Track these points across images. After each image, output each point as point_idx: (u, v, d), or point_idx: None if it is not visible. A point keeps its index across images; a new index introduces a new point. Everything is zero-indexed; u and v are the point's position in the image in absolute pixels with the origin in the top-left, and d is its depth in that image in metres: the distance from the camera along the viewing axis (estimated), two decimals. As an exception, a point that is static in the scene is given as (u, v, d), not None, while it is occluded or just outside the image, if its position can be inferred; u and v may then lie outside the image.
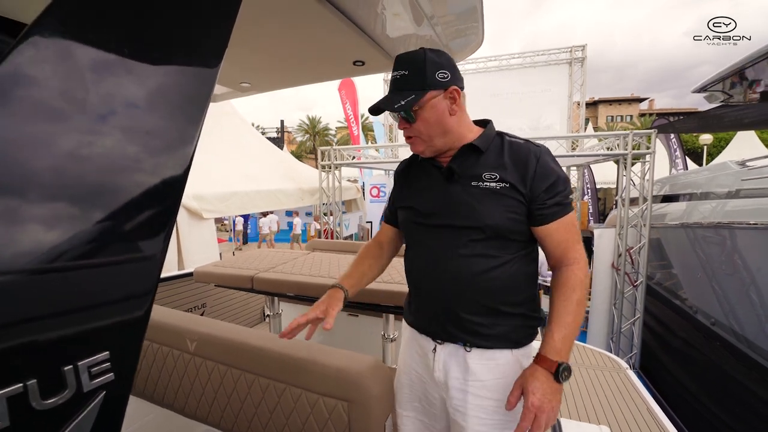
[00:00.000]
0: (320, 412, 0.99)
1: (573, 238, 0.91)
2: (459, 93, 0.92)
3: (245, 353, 1.13)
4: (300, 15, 1.20)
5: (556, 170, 0.90)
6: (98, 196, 0.33)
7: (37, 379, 0.28)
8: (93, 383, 0.30)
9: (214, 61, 0.47)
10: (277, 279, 1.89)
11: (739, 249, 3.19)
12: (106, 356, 0.31)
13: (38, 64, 0.30)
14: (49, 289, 0.29)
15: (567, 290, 0.88)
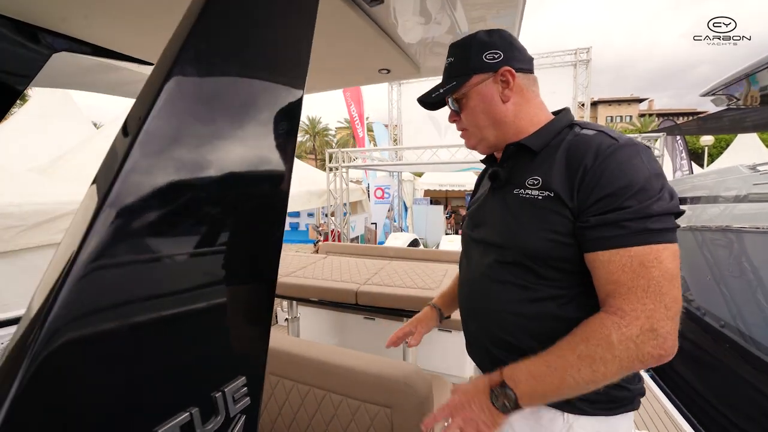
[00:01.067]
0: (362, 418, 1.01)
1: (632, 284, 0.57)
2: (513, 75, 0.74)
3: (284, 360, 1.14)
4: (336, 24, 1.21)
5: (626, 176, 0.59)
6: (230, 218, 0.35)
7: (198, 407, 0.29)
8: (236, 407, 0.32)
9: (300, 81, 0.49)
10: (300, 284, 1.90)
11: (747, 252, 3.21)
12: (243, 381, 0.33)
13: (181, 94, 0.32)
14: (200, 316, 0.31)
15: (577, 335, 0.60)
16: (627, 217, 0.59)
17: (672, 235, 0.60)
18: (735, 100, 3.86)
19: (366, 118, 12.32)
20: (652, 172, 0.60)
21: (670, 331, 0.55)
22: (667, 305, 0.55)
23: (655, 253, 0.57)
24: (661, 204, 0.59)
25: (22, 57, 0.96)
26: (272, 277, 0.38)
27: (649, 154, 0.63)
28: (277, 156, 0.42)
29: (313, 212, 14.95)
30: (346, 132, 31.11)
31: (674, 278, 0.57)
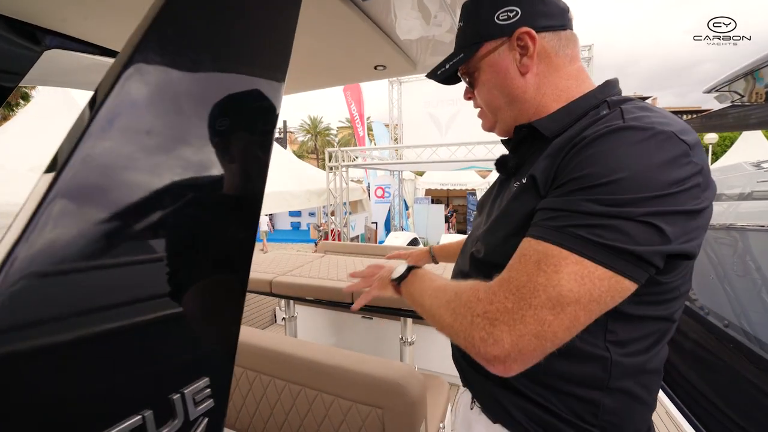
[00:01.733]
0: (354, 418, 1.00)
1: (515, 273, 0.46)
2: (534, 38, 0.57)
3: (275, 359, 1.13)
4: (328, 19, 1.19)
5: (606, 161, 0.44)
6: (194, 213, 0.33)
7: (152, 409, 0.28)
8: (197, 410, 0.30)
9: (281, 75, 0.48)
10: (296, 283, 1.89)
11: (752, 251, 3.17)
12: (207, 383, 0.31)
13: (142, 85, 0.31)
14: (153, 313, 0.29)
15: (459, 287, 0.54)
16: (559, 206, 0.46)
17: (590, 245, 0.43)
18: (740, 96, 3.83)
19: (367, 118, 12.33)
20: (653, 168, 0.43)
21: (507, 344, 0.43)
22: (525, 321, 0.43)
23: (559, 260, 0.43)
24: (626, 209, 0.42)
25: (13, 54, 0.95)
26: (243, 276, 0.36)
27: (665, 144, 0.44)
28: (249, 154, 0.40)
29: (314, 212, 14.98)
30: (348, 132, 31.11)
31: (559, 305, 0.42)
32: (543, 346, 0.43)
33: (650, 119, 0.46)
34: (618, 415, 0.53)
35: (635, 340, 0.51)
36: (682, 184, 0.43)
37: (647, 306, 0.50)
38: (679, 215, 0.43)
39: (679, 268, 0.48)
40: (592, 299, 0.42)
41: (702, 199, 0.45)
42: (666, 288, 0.49)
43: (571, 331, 0.44)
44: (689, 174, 0.43)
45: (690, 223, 0.44)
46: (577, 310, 0.42)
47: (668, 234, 0.43)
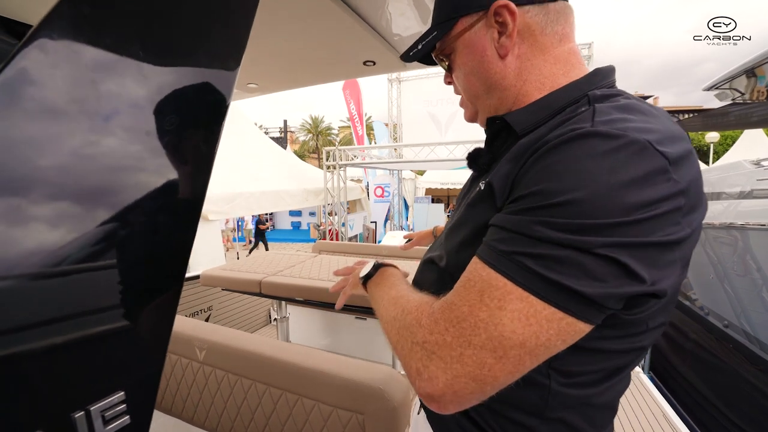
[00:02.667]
0: (335, 424, 0.96)
1: (459, 300, 0.41)
2: (513, 12, 0.48)
3: (256, 362, 1.10)
4: (311, 13, 1.16)
5: (569, 179, 0.37)
6: (113, 203, 0.30)
7: (44, 429, 0.24)
8: (108, 428, 0.27)
9: (233, 64, 0.44)
10: (285, 283, 1.86)
11: (752, 250, 3.13)
12: (121, 397, 0.28)
13: (44, 66, 0.28)
14: (57, 320, 0.26)
15: (410, 302, 0.49)
16: (509, 226, 0.39)
17: (552, 291, 0.36)
18: (740, 94, 3.78)
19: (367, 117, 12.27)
20: (617, 188, 0.35)
21: (441, 384, 0.39)
22: (463, 361, 0.38)
23: (504, 293, 0.38)
24: (581, 239, 0.35)
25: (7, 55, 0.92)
26: (174, 282, 0.33)
27: (636, 157, 0.36)
28: (188, 153, 0.37)
29: (314, 211, 14.96)
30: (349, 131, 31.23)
31: (501, 348, 0.37)
32: (482, 390, 0.38)
33: (625, 124, 0.38)
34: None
35: (585, 373, 0.45)
36: (653, 208, 0.35)
37: (606, 341, 0.43)
38: (649, 247, 0.36)
39: (650, 303, 0.40)
40: (539, 343, 0.37)
41: (683, 225, 0.37)
42: (631, 323, 0.42)
43: (514, 375, 0.38)
44: (664, 195, 0.35)
45: (663, 256, 0.37)
46: (522, 354, 0.37)
47: (633, 270, 0.35)
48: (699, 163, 0.41)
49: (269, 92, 1.95)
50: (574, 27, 0.53)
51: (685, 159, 0.38)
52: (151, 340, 0.31)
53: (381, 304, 0.56)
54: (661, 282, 0.37)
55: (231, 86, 0.44)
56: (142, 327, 0.30)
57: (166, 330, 0.32)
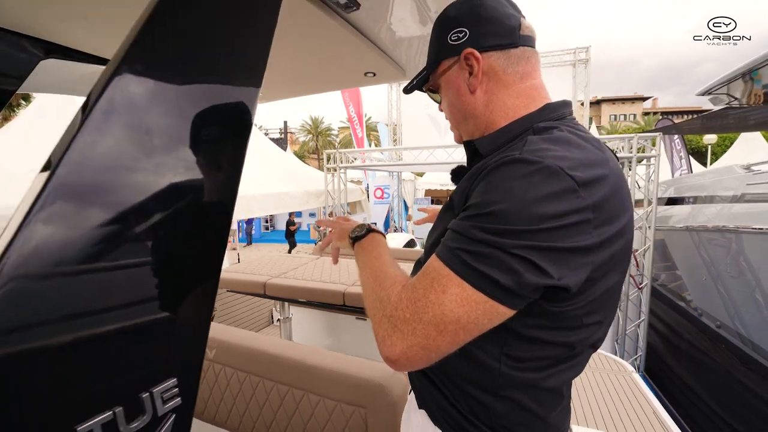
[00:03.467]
0: (338, 418, 1.03)
1: (419, 284, 0.50)
2: (477, 58, 0.60)
3: (264, 360, 1.16)
4: (314, 29, 1.23)
5: (489, 192, 0.49)
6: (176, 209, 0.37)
7: (123, 406, 0.31)
8: (165, 407, 0.34)
9: (257, 81, 0.51)
10: (289, 285, 1.92)
11: (744, 253, 3.20)
12: (174, 382, 0.35)
13: (125, 92, 0.35)
14: (127, 319, 0.33)
15: (387, 277, 0.58)
16: (456, 228, 0.50)
17: (470, 271, 0.46)
18: (733, 99, 3.85)
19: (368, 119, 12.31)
20: (529, 202, 0.45)
21: (398, 350, 0.48)
22: (416, 333, 0.48)
23: (447, 280, 0.48)
24: (500, 240, 0.45)
25: (9, 63, 0.99)
26: (212, 281, 0.40)
27: (548, 179, 0.46)
28: (223, 159, 0.43)
29: (315, 212, 15.02)
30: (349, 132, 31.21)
31: (442, 323, 0.47)
32: (428, 356, 0.49)
33: (544, 153, 0.48)
34: (509, 420, 0.57)
35: (529, 359, 0.55)
36: (559, 219, 0.44)
37: (543, 330, 0.52)
38: (558, 251, 0.45)
39: (571, 299, 0.50)
40: (470, 320, 0.47)
41: (593, 234, 0.46)
42: (562, 316, 0.51)
43: (453, 346, 0.48)
44: (570, 209, 0.45)
45: (574, 260, 0.46)
46: (457, 329, 0.47)
47: (544, 269, 0.45)
48: (618, 185, 0.52)
49: (273, 100, 2.02)
50: (538, 67, 0.65)
51: (597, 181, 0.48)
52: (194, 333, 0.37)
53: (364, 271, 0.65)
54: (569, 279, 0.46)
55: (256, 100, 0.51)
56: (187, 322, 0.37)
57: (206, 324, 0.38)
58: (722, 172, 4.04)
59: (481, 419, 0.59)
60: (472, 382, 0.58)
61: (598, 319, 0.55)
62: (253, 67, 0.50)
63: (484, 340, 0.51)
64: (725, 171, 3.94)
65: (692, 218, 4.06)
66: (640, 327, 4.55)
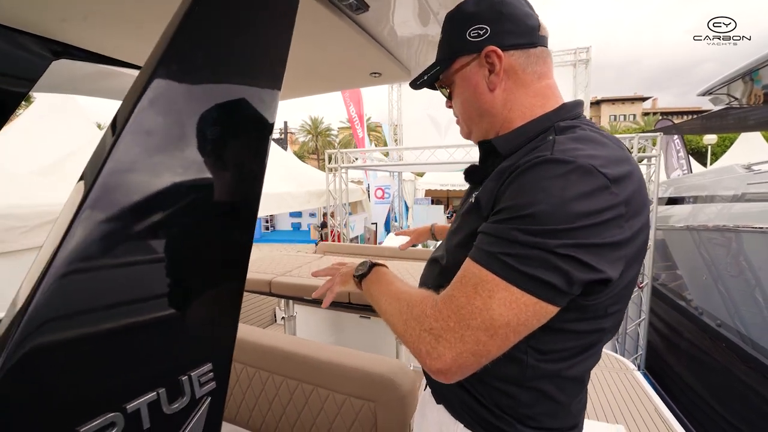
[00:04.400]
0: (348, 411, 1.05)
1: (458, 293, 0.51)
2: (500, 56, 0.60)
3: (274, 356, 1.18)
4: (322, 30, 1.25)
5: (525, 194, 0.49)
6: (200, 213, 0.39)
7: (165, 388, 0.33)
8: (202, 390, 0.36)
9: (278, 82, 0.53)
10: (294, 283, 1.94)
11: (744, 252, 3.22)
12: (209, 367, 0.37)
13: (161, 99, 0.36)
14: (168, 308, 0.35)
15: (412, 297, 0.59)
16: (493, 232, 0.50)
17: (516, 274, 0.47)
18: (734, 99, 3.86)
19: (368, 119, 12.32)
20: (567, 201, 0.46)
21: (448, 360, 0.49)
22: (465, 340, 0.48)
23: (493, 285, 0.48)
24: (543, 241, 0.46)
25: (23, 64, 1.01)
26: (241, 274, 0.42)
27: (583, 178, 0.47)
28: (251, 158, 0.45)
29: (315, 212, 15.03)
30: (349, 132, 31.20)
31: (492, 328, 0.47)
32: (479, 362, 0.49)
33: (575, 152, 0.49)
34: (534, 410, 0.59)
35: (555, 351, 0.56)
36: (597, 216, 0.46)
37: (572, 322, 0.54)
38: (598, 247, 0.46)
39: (604, 291, 0.51)
40: (519, 323, 0.48)
41: (625, 228, 0.48)
42: (592, 308, 0.53)
43: (503, 348, 0.49)
44: (606, 206, 0.46)
45: (612, 254, 0.48)
46: (508, 332, 0.48)
47: (591, 264, 0.46)
48: (642, 179, 0.54)
49: (282, 100, 2.04)
50: (552, 67, 0.66)
51: (625, 177, 0.49)
52: (227, 322, 0.39)
53: (383, 299, 0.65)
54: (608, 272, 0.48)
55: (277, 100, 0.53)
56: (220, 311, 0.39)
57: (236, 313, 0.40)
58: (723, 171, 4.06)
59: (505, 410, 0.60)
60: (497, 376, 0.59)
61: (620, 308, 0.57)
62: (274, 68, 0.52)
63: None
64: (726, 171, 3.96)
65: (693, 218, 4.08)
66: (640, 326, 4.57)
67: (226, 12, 0.42)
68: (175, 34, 0.38)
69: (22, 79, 1.02)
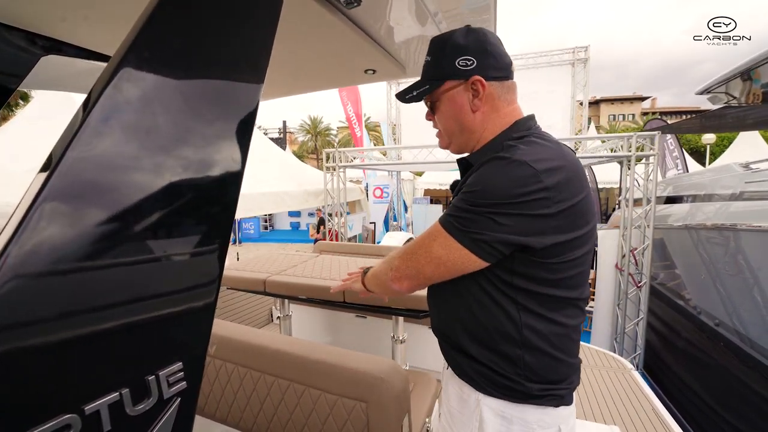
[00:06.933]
0: (339, 412, 1.03)
1: (414, 246, 0.78)
2: (484, 85, 0.76)
3: (265, 356, 1.17)
4: (314, 26, 1.23)
5: (482, 180, 0.69)
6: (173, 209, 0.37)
7: (129, 388, 0.32)
8: (171, 391, 0.34)
9: (259, 77, 0.51)
10: (289, 282, 1.92)
11: (743, 251, 3.21)
12: (180, 366, 0.35)
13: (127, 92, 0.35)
14: (135, 305, 0.33)
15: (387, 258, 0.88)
16: (452, 203, 0.74)
17: (453, 228, 0.71)
18: (732, 98, 3.85)
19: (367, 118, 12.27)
20: (503, 183, 0.67)
21: (402, 273, 0.79)
22: (409, 258, 0.77)
23: (438, 233, 0.73)
24: (475, 208, 0.68)
25: (10, 60, 0.99)
26: (215, 272, 0.40)
27: (521, 166, 0.67)
28: (227, 153, 0.44)
29: (314, 212, 15.01)
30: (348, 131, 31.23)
31: (429, 256, 0.74)
32: (419, 278, 0.78)
33: (515, 152, 0.69)
34: (537, 366, 0.75)
35: (540, 314, 0.74)
36: (525, 196, 0.65)
37: (543, 286, 0.72)
38: (521, 216, 0.66)
39: (539, 253, 0.69)
40: (448, 260, 0.72)
41: (552, 207, 0.66)
42: (546, 268, 0.71)
43: (435, 273, 0.75)
44: (532, 189, 0.65)
45: (535, 223, 0.66)
46: (439, 263, 0.73)
47: (507, 225, 0.66)
48: (575, 172, 0.71)
49: (273, 98, 2.02)
50: (516, 94, 0.84)
51: (554, 170, 0.67)
52: (199, 320, 0.38)
53: (373, 278, 0.95)
54: (533, 238, 0.67)
55: (258, 96, 0.51)
56: (192, 309, 0.37)
57: (210, 313, 0.39)
58: (720, 170, 4.05)
59: (514, 372, 0.76)
60: (502, 340, 0.76)
61: (577, 275, 0.74)
62: (255, 62, 0.50)
63: (504, 304, 0.74)
64: (724, 169, 3.96)
65: (691, 217, 4.07)
66: (638, 325, 4.56)
67: (199, 2, 0.41)
68: (146, 23, 0.37)
69: (10, 75, 1.01)
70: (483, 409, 0.80)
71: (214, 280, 0.40)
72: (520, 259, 0.70)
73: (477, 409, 0.81)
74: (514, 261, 0.71)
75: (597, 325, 5.04)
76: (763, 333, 2.93)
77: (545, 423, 0.76)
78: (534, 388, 0.75)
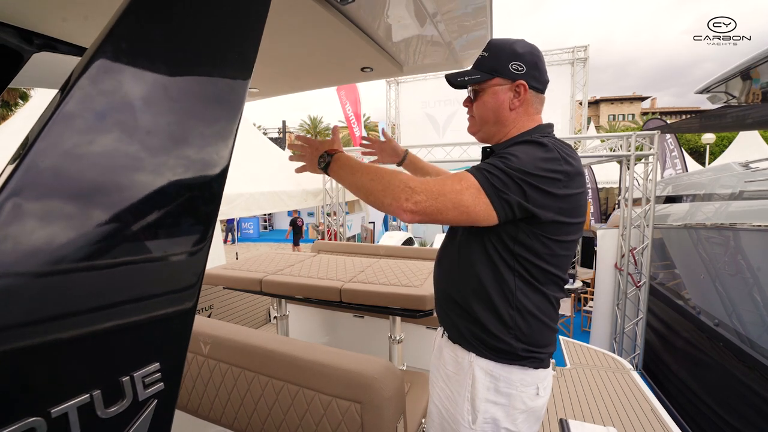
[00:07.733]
0: (333, 413, 1.02)
1: (450, 177, 0.82)
2: (526, 89, 0.91)
3: (259, 356, 1.15)
4: (309, 23, 1.22)
5: (520, 152, 0.81)
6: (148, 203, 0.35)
7: (100, 390, 0.30)
8: (147, 392, 0.33)
9: (246, 73, 0.50)
10: (286, 282, 1.91)
11: (742, 250, 3.20)
12: (157, 367, 0.34)
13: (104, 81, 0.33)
14: (107, 304, 0.32)
15: (394, 170, 0.85)
16: (485, 160, 0.87)
17: (488, 184, 0.79)
18: (732, 97, 3.83)
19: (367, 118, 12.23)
20: (535, 159, 0.80)
21: (418, 204, 0.78)
22: (437, 199, 0.79)
23: (471, 183, 0.80)
24: (510, 171, 0.79)
25: (2, 57, 0.97)
26: (197, 270, 0.39)
27: (550, 150, 0.82)
28: (209, 149, 0.42)
29: (313, 212, 14.99)
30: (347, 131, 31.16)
31: (457, 202, 0.79)
32: (435, 216, 0.79)
33: (545, 141, 0.84)
34: (528, 328, 0.87)
35: (530, 280, 0.87)
36: (547, 173, 0.79)
37: (534, 257, 0.85)
38: (539, 189, 0.79)
39: (536, 221, 0.81)
40: (471, 210, 0.79)
41: (562, 188, 0.81)
42: (537, 238, 0.83)
43: (454, 217, 0.80)
44: (554, 169, 0.80)
45: (547, 199, 0.80)
46: (462, 210, 0.79)
47: (527, 194, 0.78)
48: (581, 170, 0.86)
49: (270, 96, 2.00)
50: (543, 107, 0.98)
51: (570, 162, 0.82)
52: (178, 320, 0.36)
53: (357, 174, 0.89)
54: (539, 209, 0.80)
55: (245, 91, 0.49)
56: (170, 308, 0.36)
57: (190, 312, 0.37)
58: (720, 170, 4.04)
59: (505, 332, 0.88)
60: (499, 299, 0.87)
61: (568, 255, 0.88)
62: (241, 56, 0.48)
63: (503, 271, 0.86)
64: (723, 169, 3.94)
65: (690, 216, 4.06)
66: (638, 325, 4.55)
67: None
68: (123, 13, 0.35)
69: (1, 72, 0.99)
70: (475, 368, 0.91)
71: (195, 281, 0.39)
72: (524, 230, 0.83)
73: (470, 369, 0.92)
74: (518, 231, 0.84)
75: (596, 325, 5.03)
76: (763, 333, 2.92)
77: (526, 382, 0.89)
78: (520, 348, 0.88)
